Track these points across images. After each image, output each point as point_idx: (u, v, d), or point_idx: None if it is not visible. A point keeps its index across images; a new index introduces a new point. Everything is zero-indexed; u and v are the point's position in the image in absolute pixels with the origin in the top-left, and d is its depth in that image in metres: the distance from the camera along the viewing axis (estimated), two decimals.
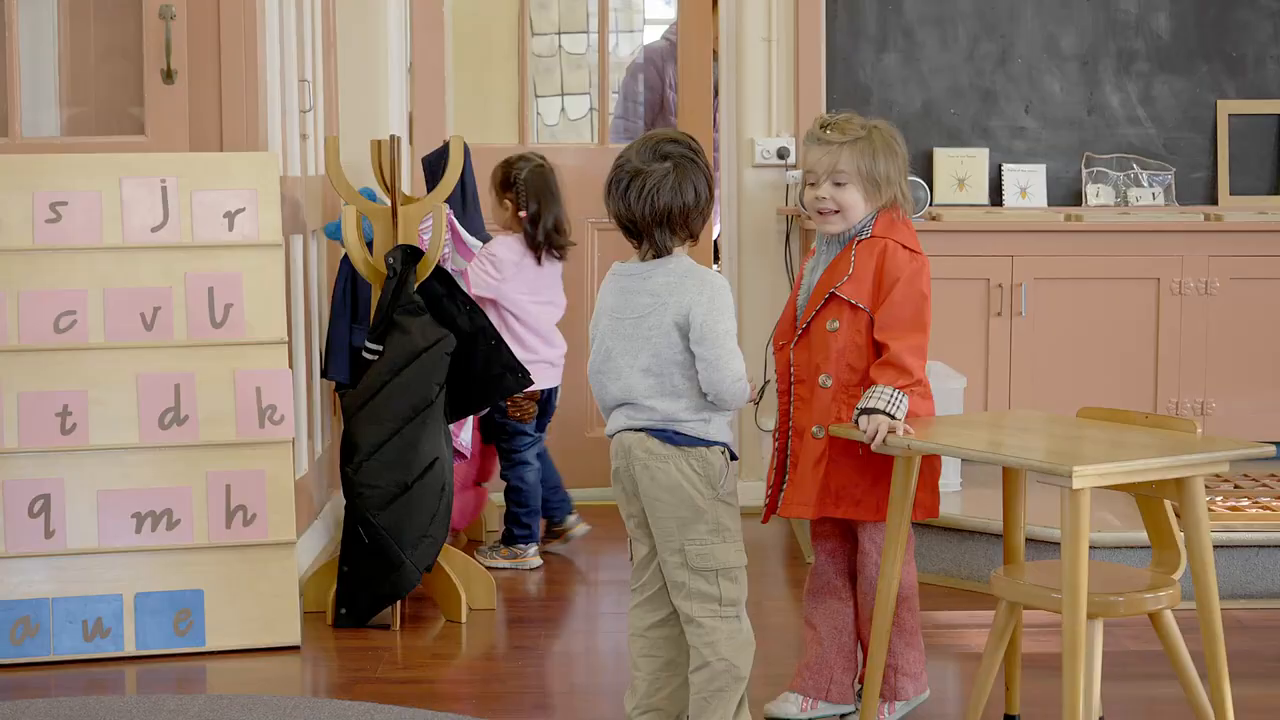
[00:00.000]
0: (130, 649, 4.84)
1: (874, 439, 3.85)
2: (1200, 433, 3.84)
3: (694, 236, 3.82)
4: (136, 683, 4.70)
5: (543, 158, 5.84)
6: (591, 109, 9.46)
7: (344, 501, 6.20)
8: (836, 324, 4.02)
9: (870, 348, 4.03)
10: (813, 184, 4.05)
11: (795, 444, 4.12)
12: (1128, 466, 3.56)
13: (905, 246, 4.03)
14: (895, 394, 3.85)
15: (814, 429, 4.06)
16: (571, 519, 6.06)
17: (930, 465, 4.07)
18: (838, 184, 4.01)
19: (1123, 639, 4.86)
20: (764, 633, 4.38)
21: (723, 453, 3.82)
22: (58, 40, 5.39)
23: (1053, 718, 4.28)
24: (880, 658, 4.04)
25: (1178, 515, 3.87)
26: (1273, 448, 3.77)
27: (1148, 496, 3.88)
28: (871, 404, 3.90)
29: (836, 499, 4.08)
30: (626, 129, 7.43)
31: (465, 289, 5.27)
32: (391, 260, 5.08)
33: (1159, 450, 3.67)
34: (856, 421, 3.91)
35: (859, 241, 4.04)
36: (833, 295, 4.03)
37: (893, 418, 3.83)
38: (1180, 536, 3.88)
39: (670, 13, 9.72)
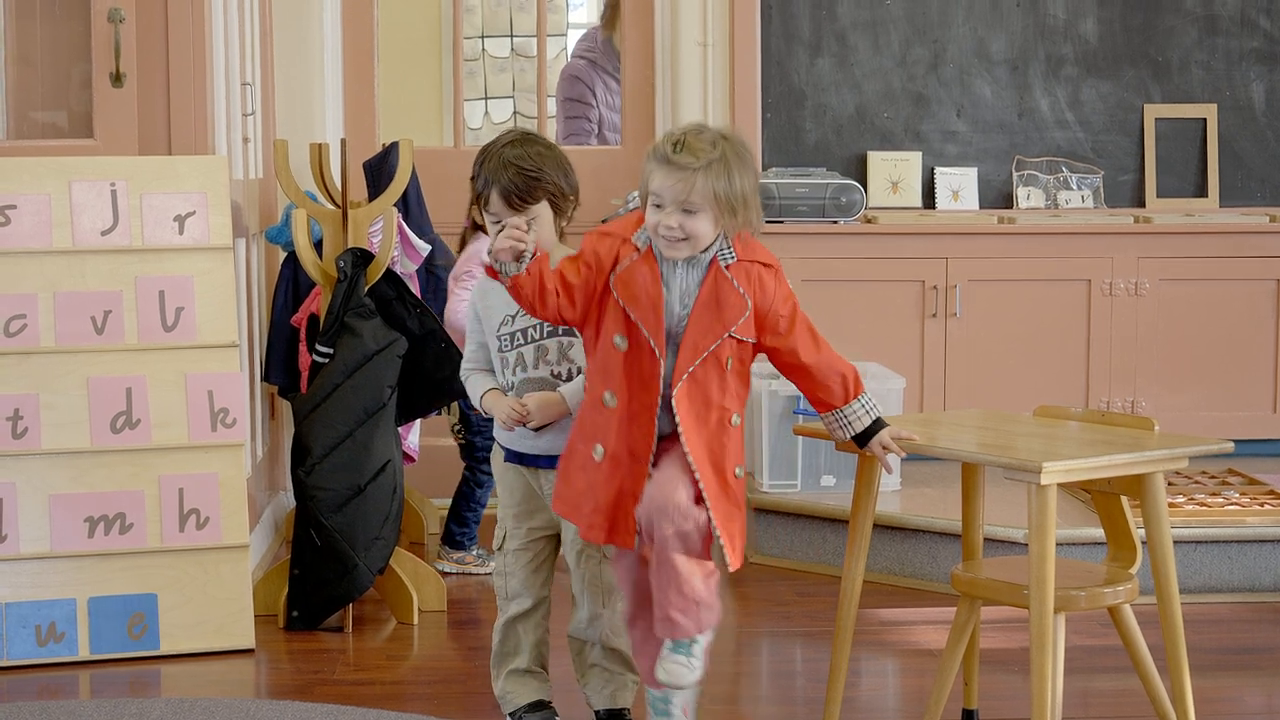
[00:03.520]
0: (84, 653, 4.83)
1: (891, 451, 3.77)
2: (1158, 430, 3.92)
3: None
4: (90, 687, 4.69)
5: None
6: (516, 113, 9.49)
7: (285, 504, 6.25)
8: (733, 360, 3.71)
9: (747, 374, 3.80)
10: (658, 206, 3.63)
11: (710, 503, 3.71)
12: (1094, 463, 3.63)
13: (765, 264, 3.72)
14: (866, 400, 3.79)
15: (736, 470, 3.73)
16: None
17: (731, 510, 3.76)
18: (687, 212, 3.61)
19: (1066, 634, 4.94)
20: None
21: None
22: (3, 42, 5.36)
23: (1009, 711, 4.37)
24: (842, 666, 4.07)
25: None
26: (1231, 444, 3.85)
27: (1104, 493, 3.96)
28: (866, 423, 3.75)
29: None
30: (572, 131, 7.38)
31: (414, 292, 5.29)
32: (342, 264, 5.09)
33: (1121, 447, 3.74)
34: (861, 442, 3.79)
35: (728, 267, 3.68)
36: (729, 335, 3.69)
37: (883, 421, 3.82)
38: (1138, 532, 3.96)
39: (589, 17, 9.77)
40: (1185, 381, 6.47)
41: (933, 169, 6.82)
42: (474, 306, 4.10)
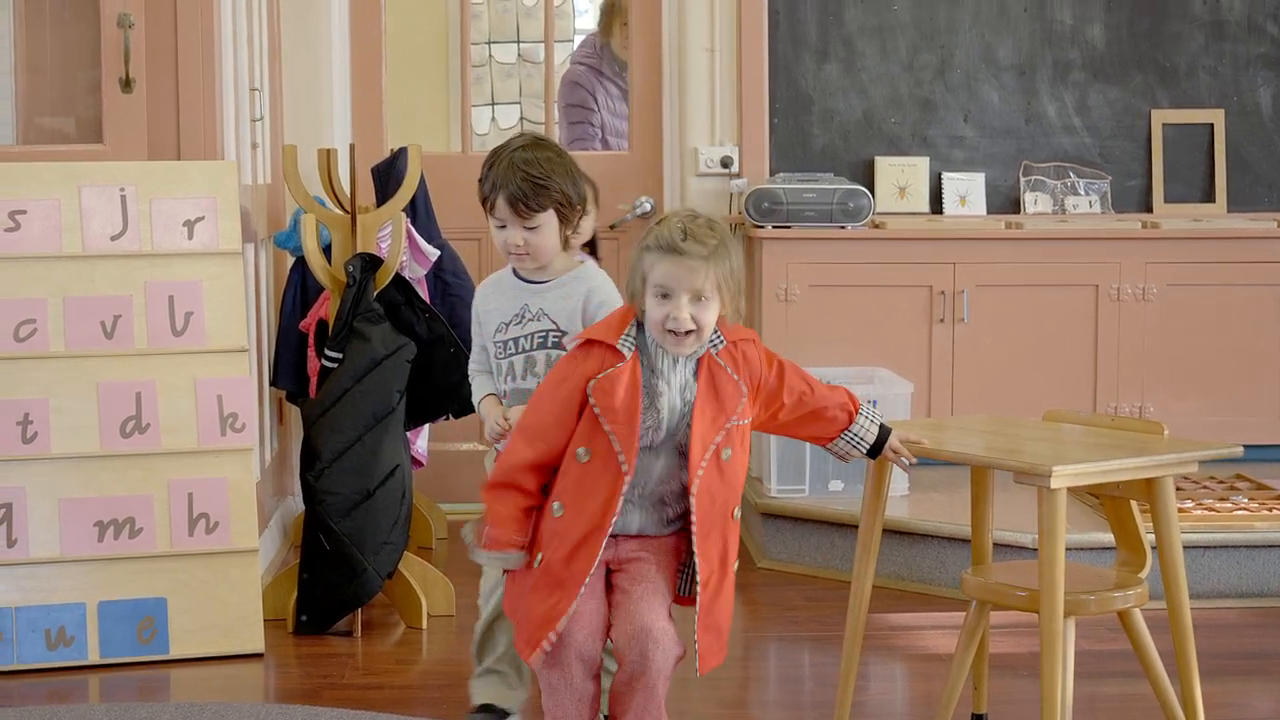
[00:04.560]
0: (94, 657, 4.83)
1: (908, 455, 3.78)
2: (1167, 435, 3.93)
3: None
4: (100, 691, 4.69)
5: None
6: (522, 118, 9.51)
7: (294, 509, 6.25)
8: (730, 450, 3.56)
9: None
10: (665, 296, 3.47)
11: (706, 597, 3.58)
12: (1104, 466, 3.63)
13: (746, 339, 3.62)
14: (867, 410, 3.76)
15: (734, 565, 3.65)
16: None
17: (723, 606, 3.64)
18: (697, 300, 3.47)
19: (1076, 638, 4.93)
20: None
21: None
22: (13, 48, 5.38)
23: (1019, 715, 4.37)
24: (852, 670, 4.06)
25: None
26: (1240, 448, 3.86)
27: (1113, 497, 3.96)
28: (875, 433, 3.74)
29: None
30: (575, 137, 7.37)
31: (423, 297, 5.30)
32: (351, 268, 5.10)
33: (1130, 451, 3.75)
34: (873, 454, 3.79)
35: (719, 354, 3.56)
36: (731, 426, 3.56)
37: (887, 426, 3.82)
38: (1148, 536, 3.96)
39: (594, 23, 9.77)
40: (1193, 387, 6.47)
41: (940, 174, 6.81)
42: (476, 310, 4.09)
